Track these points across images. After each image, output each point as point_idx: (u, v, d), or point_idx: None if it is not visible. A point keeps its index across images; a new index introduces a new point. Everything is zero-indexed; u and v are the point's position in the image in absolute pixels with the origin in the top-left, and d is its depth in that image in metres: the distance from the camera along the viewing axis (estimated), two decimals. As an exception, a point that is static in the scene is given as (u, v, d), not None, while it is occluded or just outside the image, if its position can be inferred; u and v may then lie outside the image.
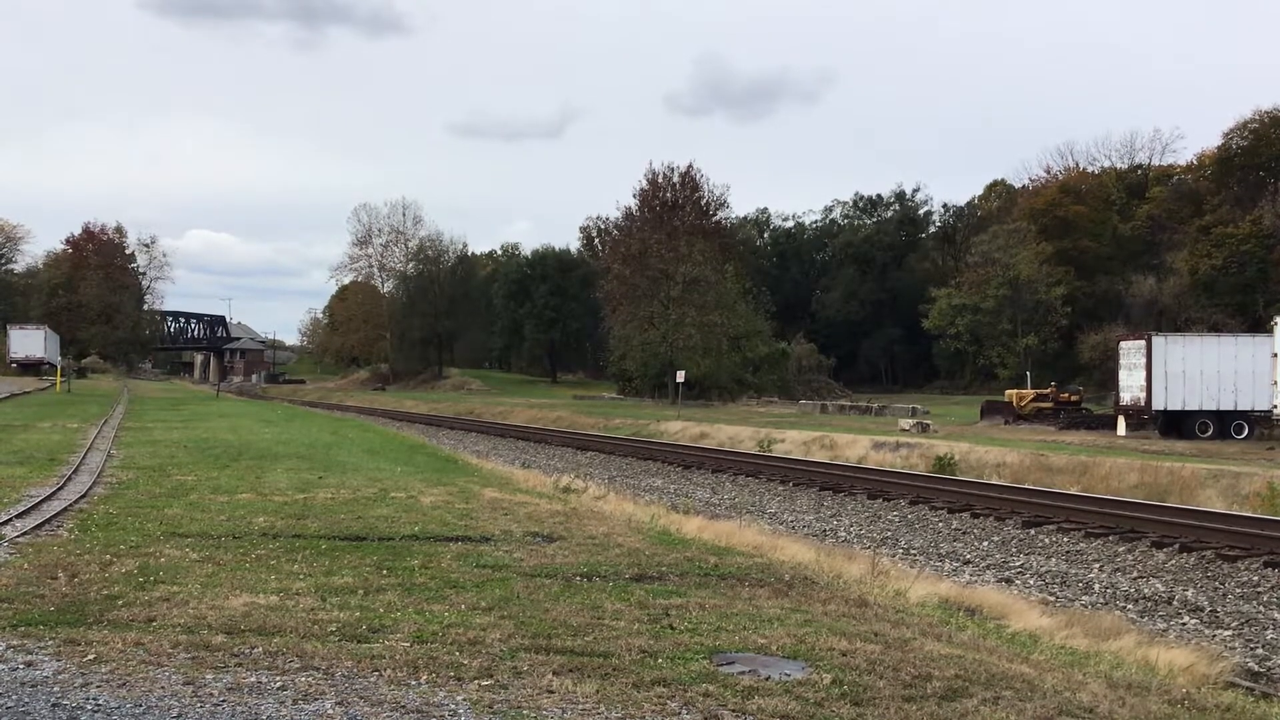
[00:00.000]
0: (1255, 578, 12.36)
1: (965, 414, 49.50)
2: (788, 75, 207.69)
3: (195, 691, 4.91)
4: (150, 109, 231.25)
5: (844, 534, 16.44)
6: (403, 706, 4.77)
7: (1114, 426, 36.57)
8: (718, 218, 79.19)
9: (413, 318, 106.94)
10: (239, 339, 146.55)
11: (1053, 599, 11.65)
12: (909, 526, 16.97)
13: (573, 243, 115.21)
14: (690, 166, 76.34)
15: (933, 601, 9.04)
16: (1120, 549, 14.22)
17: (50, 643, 5.68)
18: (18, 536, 9.23)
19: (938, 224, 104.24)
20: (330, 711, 4.70)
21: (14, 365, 73.24)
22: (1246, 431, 33.91)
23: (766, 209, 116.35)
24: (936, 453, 25.22)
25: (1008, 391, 49.35)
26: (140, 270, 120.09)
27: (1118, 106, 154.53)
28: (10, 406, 37.30)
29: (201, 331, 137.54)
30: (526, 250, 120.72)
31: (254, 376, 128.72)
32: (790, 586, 8.18)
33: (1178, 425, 33.87)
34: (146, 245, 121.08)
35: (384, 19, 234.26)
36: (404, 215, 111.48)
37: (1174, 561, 13.37)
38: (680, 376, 51.16)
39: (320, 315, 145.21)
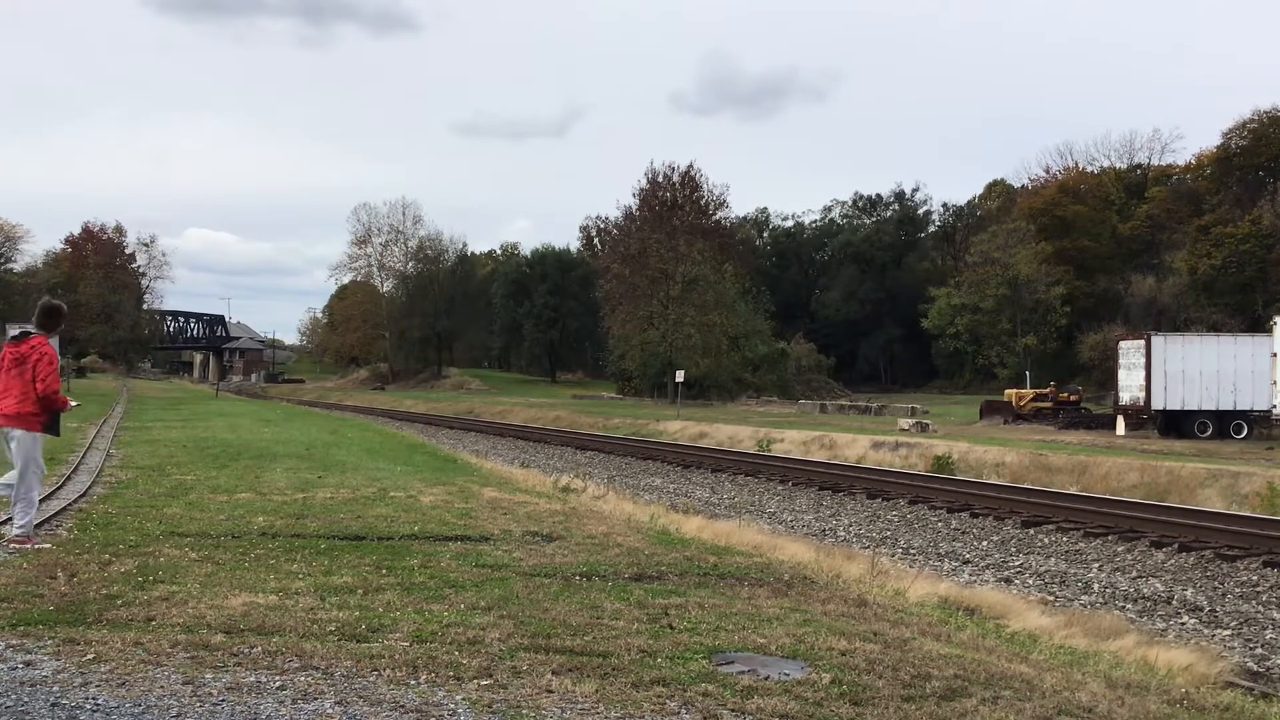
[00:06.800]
0: (1254, 577, 12.37)
1: (964, 414, 49.51)
2: (795, 74, 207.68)
3: (194, 691, 4.91)
4: (151, 108, 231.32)
5: (843, 534, 16.44)
6: (402, 706, 4.77)
7: (1113, 426, 36.59)
8: (717, 217, 79.22)
9: (412, 317, 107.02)
10: (238, 338, 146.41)
11: (1052, 599, 11.65)
12: (908, 526, 16.97)
13: (573, 242, 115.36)
14: (690, 166, 76.50)
15: (932, 601, 9.03)
16: (1119, 549, 14.22)
17: (49, 642, 5.67)
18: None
19: (937, 224, 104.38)
20: (329, 711, 4.70)
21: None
22: (1246, 431, 33.93)
23: (766, 209, 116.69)
24: (935, 452, 25.22)
25: (1007, 391, 49.39)
26: (140, 270, 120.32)
27: (1118, 106, 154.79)
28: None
29: (201, 331, 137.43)
30: (526, 250, 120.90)
31: (253, 376, 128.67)
32: (789, 586, 8.17)
33: (1177, 425, 33.89)
34: (146, 245, 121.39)
35: (391, 16, 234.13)
36: (404, 214, 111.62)
37: (1173, 561, 13.38)
38: (679, 376, 51.15)
39: (320, 314, 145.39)
